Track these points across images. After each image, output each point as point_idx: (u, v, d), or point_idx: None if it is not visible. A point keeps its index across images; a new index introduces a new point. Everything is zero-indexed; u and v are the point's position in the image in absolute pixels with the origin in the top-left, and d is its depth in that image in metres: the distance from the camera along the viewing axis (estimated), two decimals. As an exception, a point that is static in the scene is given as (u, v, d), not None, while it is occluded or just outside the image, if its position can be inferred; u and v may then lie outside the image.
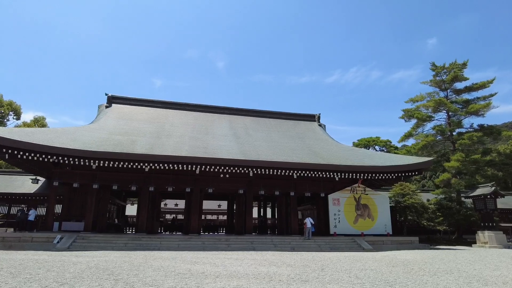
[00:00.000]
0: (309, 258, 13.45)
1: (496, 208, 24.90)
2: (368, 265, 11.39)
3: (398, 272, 9.61)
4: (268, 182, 23.66)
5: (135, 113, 27.94)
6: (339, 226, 24.42)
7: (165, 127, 25.79)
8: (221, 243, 19.74)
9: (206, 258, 12.77)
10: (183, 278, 8.07)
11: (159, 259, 12.33)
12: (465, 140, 27.92)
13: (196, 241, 19.72)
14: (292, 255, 14.83)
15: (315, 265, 11.24)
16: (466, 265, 11.84)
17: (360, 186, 25.32)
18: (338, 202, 24.95)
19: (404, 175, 24.39)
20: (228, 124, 28.41)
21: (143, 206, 22.55)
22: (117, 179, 21.96)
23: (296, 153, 24.24)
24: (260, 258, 13.21)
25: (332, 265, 11.08)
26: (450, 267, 11.16)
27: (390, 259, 13.77)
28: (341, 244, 21.22)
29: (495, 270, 10.53)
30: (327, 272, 9.35)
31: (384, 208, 25.59)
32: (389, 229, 25.12)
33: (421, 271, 9.99)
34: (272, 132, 28.45)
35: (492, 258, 14.38)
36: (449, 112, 31.02)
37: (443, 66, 31.55)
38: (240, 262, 11.66)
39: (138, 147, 20.92)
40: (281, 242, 20.67)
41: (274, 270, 9.74)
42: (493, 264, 12.29)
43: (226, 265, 10.67)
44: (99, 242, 18.44)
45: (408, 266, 11.21)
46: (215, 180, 22.97)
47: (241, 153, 22.35)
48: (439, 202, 28.47)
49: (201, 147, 22.35)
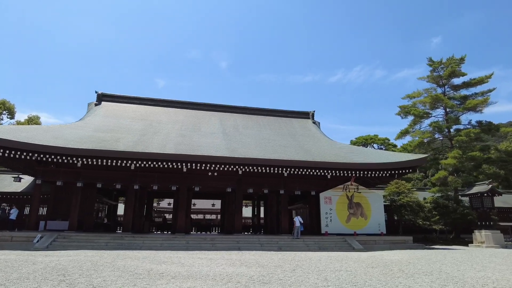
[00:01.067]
0: (288, 258, 12.86)
1: (494, 206, 24.06)
2: (346, 266, 10.78)
3: (373, 274, 8.99)
4: (257, 180, 23.08)
5: (124, 110, 27.52)
6: (330, 225, 23.76)
7: (153, 125, 25.33)
8: (206, 242, 19.20)
9: (180, 258, 12.24)
10: (136, 278, 7.55)
11: (128, 258, 11.83)
12: (462, 136, 27.05)
13: (180, 240, 19.20)
14: (273, 255, 14.25)
15: (289, 265, 10.65)
16: (451, 266, 11.18)
17: (353, 184, 24.65)
18: (330, 201, 24.30)
19: (398, 173, 23.69)
20: (218, 122, 27.88)
21: (129, 205, 22.10)
22: (102, 177, 21.53)
23: (286, 151, 23.63)
24: (237, 258, 12.65)
25: (306, 266, 10.48)
26: (433, 268, 10.51)
27: (374, 259, 13.13)
28: (331, 244, 20.58)
29: (480, 271, 9.86)
30: (296, 274, 8.77)
31: (377, 206, 24.88)
32: (383, 229, 24.41)
33: (399, 272, 9.37)
34: (263, 130, 27.87)
35: (483, 258, 13.67)
36: (447, 108, 30.18)
37: (440, 61, 30.70)
38: (212, 262, 11.11)
39: (121, 145, 20.47)
40: (268, 241, 20.08)
41: (240, 271, 9.17)
42: (481, 264, 11.60)
43: (193, 266, 10.13)
44: (80, 241, 18.00)
45: (388, 267, 10.58)
46: (203, 179, 22.46)
47: (228, 150, 21.81)
48: (436, 200, 27.67)
49: (187, 144, 21.85)
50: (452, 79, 30.80)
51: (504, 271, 9.93)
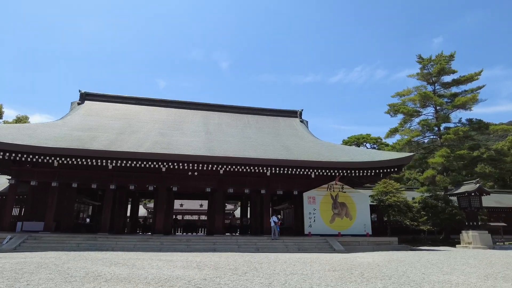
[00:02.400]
0: (253, 261, 12.32)
1: (481, 206, 23.41)
2: (307, 269, 10.25)
3: (328, 278, 8.46)
4: (239, 180, 22.59)
5: (107, 109, 27.07)
6: (314, 226, 23.22)
7: (133, 123, 24.87)
8: (181, 244, 18.69)
9: (138, 260, 11.72)
10: (65, 282, 7.07)
11: (85, 260, 11.34)
12: (451, 135, 26.41)
13: (155, 241, 18.70)
14: (241, 257, 13.71)
15: (246, 268, 10.12)
16: (420, 268, 10.62)
17: (338, 183, 24.08)
18: (314, 201, 23.74)
19: (383, 172, 23.12)
20: (202, 120, 27.38)
21: (107, 205, 21.62)
22: (78, 176, 21.11)
23: (268, 150, 23.11)
24: (198, 260, 12.12)
25: (263, 269, 9.94)
26: (398, 271, 9.96)
27: (345, 262, 12.58)
28: (311, 245, 20.03)
29: (445, 274, 9.31)
30: (243, 277, 8.24)
31: (363, 207, 24.30)
32: (368, 229, 23.82)
33: (358, 276, 8.83)
34: (247, 129, 27.35)
35: (459, 260, 13.09)
36: (437, 106, 29.55)
37: (429, 58, 30.06)
38: (167, 265, 10.60)
39: (96, 143, 20.02)
40: (246, 243, 19.56)
41: (187, 273, 8.66)
42: (452, 267, 11.03)
43: (143, 268, 9.62)
44: (50, 242, 17.53)
45: (351, 270, 10.04)
46: (182, 178, 21.98)
47: (207, 149, 21.31)
48: (424, 200, 27.02)
49: (165, 143, 21.37)
50: (442, 76, 30.17)
51: (471, 274, 9.37)
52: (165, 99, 29.67)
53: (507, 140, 46.22)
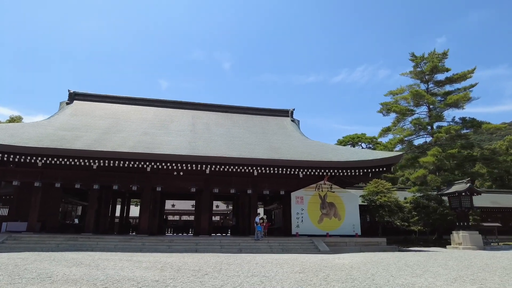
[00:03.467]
0: (227, 261, 12.02)
1: (472, 206, 22.91)
2: (274, 270, 9.94)
3: (288, 280, 8.17)
4: (226, 179, 22.32)
5: (95, 109, 26.92)
6: (302, 226, 22.90)
7: (119, 123, 24.69)
8: (163, 244, 18.46)
9: (108, 261, 11.48)
10: (9, 284, 6.83)
11: (51, 260, 11.11)
12: (442, 133, 25.94)
13: (137, 242, 18.49)
14: (216, 258, 13.41)
15: (212, 269, 9.86)
16: (392, 270, 10.28)
17: (326, 183, 23.75)
18: (302, 201, 23.43)
19: (372, 172, 22.72)
20: (190, 120, 27.15)
21: (91, 205, 21.45)
22: (61, 176, 20.95)
23: (255, 149, 22.82)
24: (170, 261, 11.85)
25: (230, 270, 9.64)
26: (369, 273, 9.64)
27: (320, 263, 12.26)
28: (296, 246, 19.72)
29: (414, 277, 8.97)
30: (198, 279, 7.96)
31: (352, 207, 23.94)
32: (357, 230, 23.46)
33: (322, 280, 8.52)
34: (236, 128, 27.07)
35: (439, 262, 12.72)
36: (430, 105, 29.08)
37: (422, 56, 29.60)
38: (133, 265, 10.36)
39: (79, 143, 19.84)
40: (230, 243, 19.28)
41: (144, 274, 8.40)
42: (426, 269, 10.67)
43: (105, 269, 9.37)
44: (30, 243, 17.38)
45: (319, 272, 9.73)
46: (167, 178, 21.76)
47: (190, 148, 21.06)
48: (416, 200, 26.56)
49: (148, 142, 21.15)
50: (435, 74, 29.70)
51: (440, 277, 9.02)
52: (154, 99, 29.49)
53: (505, 139, 45.55)
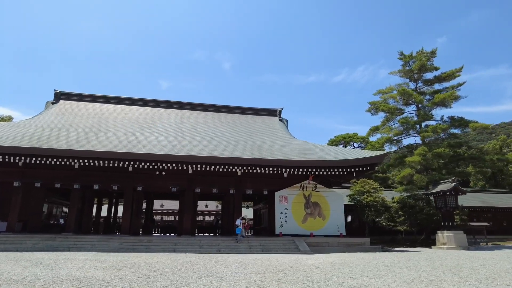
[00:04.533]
0: (193, 262, 11.89)
1: (457, 205, 22.70)
2: (234, 270, 9.81)
3: (240, 280, 8.04)
4: (210, 179, 22.17)
5: (81, 108, 26.83)
6: (285, 226, 22.73)
7: (105, 122, 24.59)
8: (141, 244, 18.34)
9: (70, 260, 11.37)
10: None
11: (11, 261, 10.99)
12: (429, 132, 25.72)
13: (115, 242, 18.38)
14: (188, 258, 13.29)
15: (171, 269, 9.74)
16: (356, 271, 10.13)
17: (311, 182, 23.57)
18: (286, 200, 23.26)
19: (357, 171, 22.53)
20: (177, 119, 27.03)
21: (72, 205, 21.33)
22: (42, 176, 20.84)
23: (239, 148, 22.67)
24: (135, 260, 11.73)
25: (188, 271, 9.51)
26: (331, 274, 9.50)
27: (289, 263, 12.13)
28: (277, 246, 19.56)
29: (374, 278, 8.81)
30: (145, 279, 7.82)
31: (337, 206, 23.75)
32: (342, 229, 23.27)
33: (275, 280, 8.39)
34: (223, 127, 26.93)
35: (412, 262, 12.55)
36: (418, 104, 28.85)
37: (410, 54, 29.38)
38: (93, 264, 10.27)
39: (60, 143, 19.75)
40: (209, 244, 19.14)
41: (95, 274, 8.29)
42: (392, 270, 10.51)
43: (61, 268, 9.25)
44: (5, 242, 17.25)
45: (279, 273, 9.61)
46: (149, 178, 21.63)
47: (173, 148, 20.93)
48: (402, 200, 26.34)
49: (131, 142, 21.03)
50: (424, 73, 29.47)
51: (400, 277, 8.86)
52: (141, 98, 29.38)
53: (498, 139, 45.26)
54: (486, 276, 9.32)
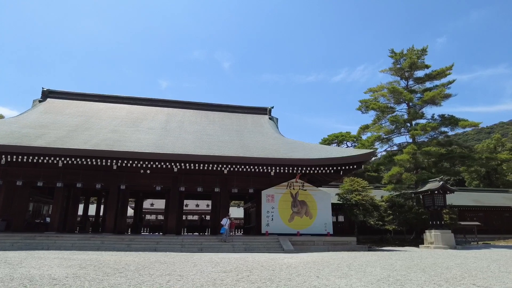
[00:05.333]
0: (164, 260, 11.66)
1: (445, 204, 22.45)
2: (199, 270, 9.60)
3: (198, 279, 7.82)
4: (195, 177, 21.96)
5: (67, 107, 26.62)
6: (272, 225, 22.53)
7: (91, 121, 24.38)
8: (122, 243, 18.16)
9: (40, 259, 11.15)
10: None
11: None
12: (418, 130, 25.46)
13: (96, 240, 18.21)
14: (162, 257, 13.07)
15: (135, 267, 9.54)
16: (326, 270, 9.91)
17: (298, 181, 23.37)
18: (272, 199, 23.07)
19: (343, 169, 22.29)
20: (164, 117, 26.81)
21: (56, 203, 21.13)
22: (24, 174, 20.63)
23: (225, 147, 22.46)
24: (105, 259, 11.52)
25: (150, 270, 9.29)
26: (296, 273, 9.28)
27: (261, 263, 11.91)
28: (261, 245, 19.36)
29: (340, 278, 8.58)
30: (106, 277, 7.62)
31: (324, 205, 23.53)
32: (329, 229, 23.04)
33: (236, 280, 8.17)
34: (210, 126, 26.71)
35: (388, 262, 12.33)
36: (409, 102, 28.59)
37: (401, 52, 29.11)
38: (59, 263, 10.06)
39: (41, 141, 19.54)
40: (191, 243, 18.96)
41: (54, 272, 8.08)
42: (364, 269, 10.29)
43: (23, 267, 9.02)
44: (-18, 242, 17.09)
45: (244, 272, 9.40)
46: (134, 176, 21.43)
47: (157, 146, 20.72)
48: (391, 199, 26.09)
49: (114, 140, 20.82)
50: (415, 71, 29.20)
51: (368, 277, 8.63)
52: (129, 96, 29.17)
53: (493, 138, 44.98)
54: (456, 275, 9.09)
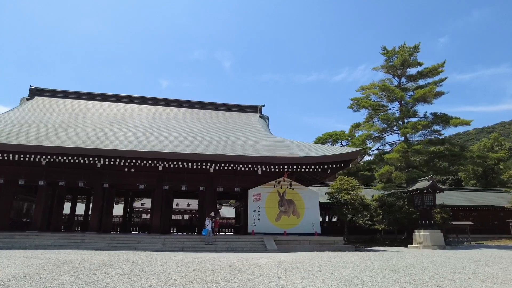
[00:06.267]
0: (134, 260, 11.37)
1: (435, 204, 22.04)
2: (161, 270, 9.30)
3: (153, 279, 7.53)
4: (179, 176, 21.68)
5: (55, 105, 26.41)
6: (258, 224, 22.19)
7: (76, 119, 24.16)
8: (103, 242, 17.93)
9: (7, 258, 10.92)
10: None
11: None
12: (408, 128, 25.03)
13: (76, 239, 18.01)
14: (137, 256, 12.79)
15: (95, 267, 9.26)
16: (291, 271, 9.59)
17: (286, 180, 23.03)
18: (259, 198, 22.73)
19: (331, 167, 21.93)
20: (151, 115, 26.55)
21: (39, 202, 20.90)
22: (5, 172, 20.42)
23: (210, 145, 22.15)
24: (70, 258, 11.23)
25: (110, 269, 8.99)
26: (258, 274, 8.97)
27: (234, 263, 11.61)
28: (244, 244, 19.06)
29: (301, 279, 8.25)
30: (57, 276, 7.33)
31: (312, 204, 23.16)
32: (317, 228, 22.68)
33: (189, 280, 7.89)
34: (198, 124, 26.41)
35: (364, 262, 11.99)
36: (401, 100, 28.14)
37: (393, 50, 28.66)
38: (21, 262, 9.79)
39: (23, 138, 19.32)
40: (173, 242, 18.70)
41: (7, 272, 7.81)
42: (332, 271, 9.96)
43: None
44: (-39, 241, 16.91)
45: (208, 272, 9.10)
46: (119, 175, 21.18)
47: (140, 144, 20.44)
48: (381, 198, 25.66)
49: (96, 138, 20.58)
50: (407, 69, 28.76)
51: (331, 278, 8.30)
52: (118, 94, 28.93)
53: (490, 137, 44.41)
54: (426, 276, 8.74)
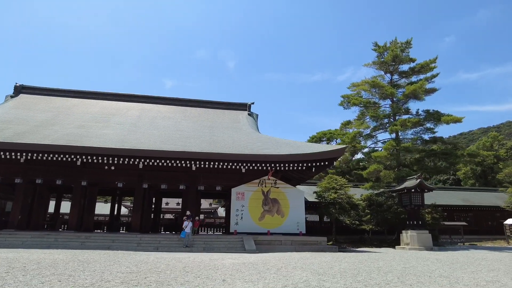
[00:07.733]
0: (93, 259, 10.94)
1: (423, 203, 21.33)
2: (120, 270, 8.85)
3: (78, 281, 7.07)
4: (160, 174, 21.27)
5: (39, 102, 26.19)
6: (241, 224, 21.69)
7: (59, 116, 23.87)
8: (77, 240, 17.61)
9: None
10: None
11: None
12: (397, 126, 24.31)
13: (50, 238, 17.68)
14: (99, 256, 12.36)
15: (35, 266, 8.85)
16: (244, 274, 9.09)
17: (271, 178, 22.49)
18: (243, 197, 22.22)
19: (316, 166, 21.35)
20: (136, 113, 26.19)
21: (16, 200, 20.62)
22: (-15, 170, 20.19)
23: (194, 143, 21.68)
24: (37, 257, 10.84)
25: (66, 269, 8.56)
26: (204, 275, 8.48)
27: (194, 264, 11.13)
28: (222, 244, 18.59)
29: (247, 282, 7.75)
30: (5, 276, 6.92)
31: (297, 203, 22.58)
32: (302, 228, 22.10)
33: (131, 280, 7.42)
34: (184, 121, 25.99)
35: (334, 264, 11.43)
36: (392, 97, 27.40)
37: (384, 45, 27.91)
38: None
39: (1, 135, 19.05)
40: (149, 241, 18.29)
41: None
42: (291, 273, 9.44)
43: None
44: None
45: (153, 272, 8.63)
46: (99, 173, 20.83)
47: (122, 141, 20.05)
48: (369, 197, 24.98)
49: (77, 135, 20.24)
50: (399, 65, 28.02)
51: (274, 282, 7.77)
52: (104, 92, 28.67)
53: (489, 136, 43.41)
54: (382, 281, 8.15)
